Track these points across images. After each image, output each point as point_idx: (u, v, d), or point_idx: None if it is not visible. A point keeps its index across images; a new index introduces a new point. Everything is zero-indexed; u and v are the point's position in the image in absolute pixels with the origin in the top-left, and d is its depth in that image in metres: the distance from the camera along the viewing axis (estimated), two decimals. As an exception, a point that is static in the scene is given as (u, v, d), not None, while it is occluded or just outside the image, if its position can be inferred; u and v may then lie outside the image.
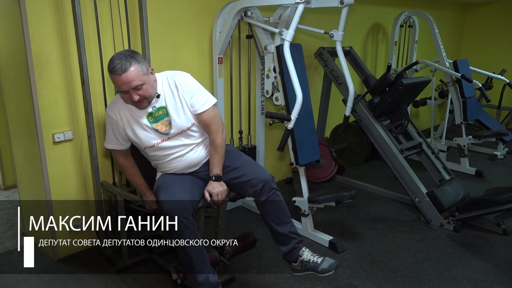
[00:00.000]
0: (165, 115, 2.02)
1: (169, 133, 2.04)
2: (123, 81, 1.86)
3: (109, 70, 1.89)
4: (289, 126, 2.60)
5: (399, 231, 3.08)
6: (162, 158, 2.12)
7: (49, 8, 2.35)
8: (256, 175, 2.11)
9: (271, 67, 2.86)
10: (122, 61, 1.85)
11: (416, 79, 3.41)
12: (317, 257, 2.12)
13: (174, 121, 2.03)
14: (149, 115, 2.02)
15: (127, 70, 1.84)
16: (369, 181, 3.96)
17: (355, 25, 4.49)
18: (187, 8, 2.99)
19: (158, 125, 2.02)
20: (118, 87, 1.91)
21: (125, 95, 1.92)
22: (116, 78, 1.86)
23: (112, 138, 2.13)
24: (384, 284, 2.44)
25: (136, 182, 2.23)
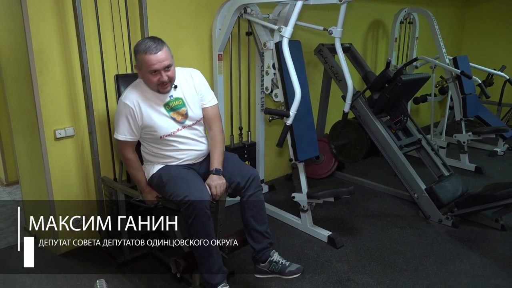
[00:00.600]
0: (181, 105, 2.11)
1: (184, 122, 2.12)
2: (158, 59, 1.93)
3: (140, 50, 1.95)
4: (288, 122, 2.63)
5: (398, 226, 3.10)
6: (176, 147, 2.15)
7: (50, 6, 2.37)
8: (246, 169, 2.22)
9: (270, 64, 2.88)
10: (156, 42, 1.96)
11: (415, 75, 3.42)
12: (285, 261, 2.21)
13: (190, 111, 2.13)
14: (166, 105, 2.09)
15: (162, 49, 1.95)
16: (369, 177, 3.98)
17: (355, 22, 4.49)
18: (187, 5, 3.01)
19: (174, 114, 2.10)
20: (150, 66, 1.95)
21: (155, 76, 1.97)
22: (150, 57, 1.93)
23: (126, 129, 2.09)
24: (382, 279, 2.47)
25: (139, 177, 2.23)
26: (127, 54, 2.66)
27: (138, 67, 2.03)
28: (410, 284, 2.42)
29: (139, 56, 1.98)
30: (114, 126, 2.16)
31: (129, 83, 2.42)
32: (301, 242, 2.87)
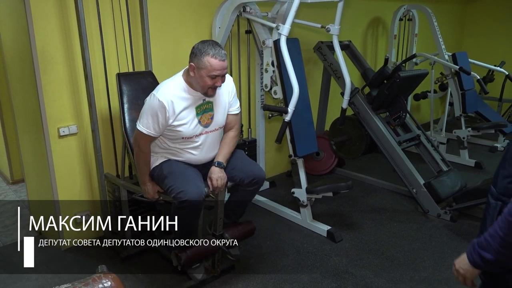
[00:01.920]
0: (210, 109, 2.18)
1: (208, 126, 2.19)
2: (223, 67, 2.03)
3: (209, 53, 2.00)
4: (286, 119, 2.67)
5: (397, 221, 3.14)
6: (189, 149, 2.20)
7: (52, 6, 2.43)
8: (253, 169, 2.30)
9: (269, 61, 2.92)
10: (222, 50, 2.05)
11: (413, 72, 3.46)
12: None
13: (215, 116, 2.20)
14: (198, 107, 2.15)
15: (226, 58, 2.06)
16: (369, 173, 4.02)
17: (355, 19, 4.53)
18: (187, 4, 3.05)
19: (202, 117, 2.16)
20: (214, 71, 2.01)
21: (213, 80, 2.04)
22: (217, 62, 2.00)
23: (151, 124, 2.09)
24: (380, 272, 2.51)
25: (144, 170, 2.25)
26: (129, 52, 2.71)
27: (197, 67, 2.03)
28: (407, 276, 2.46)
29: (205, 58, 2.00)
30: (140, 117, 2.14)
31: (131, 82, 2.49)
32: (301, 237, 2.92)
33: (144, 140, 2.16)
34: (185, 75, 2.14)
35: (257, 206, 3.40)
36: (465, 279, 1.18)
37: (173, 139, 2.19)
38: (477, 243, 1.14)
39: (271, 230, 3.02)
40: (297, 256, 2.68)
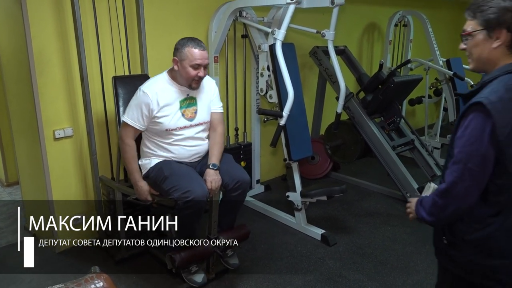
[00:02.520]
0: (193, 104, 2.29)
1: (192, 120, 2.27)
2: (203, 56, 2.17)
3: (188, 45, 2.16)
4: (281, 123, 2.69)
5: (390, 225, 3.16)
6: (176, 144, 2.26)
7: (49, 10, 2.45)
8: (237, 172, 2.32)
9: (265, 66, 2.95)
10: (201, 42, 2.20)
11: (408, 77, 3.49)
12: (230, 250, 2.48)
13: (199, 111, 2.29)
14: (182, 101, 2.25)
15: (206, 49, 2.20)
16: (363, 178, 4.04)
17: (351, 25, 4.57)
18: (183, 8, 3.08)
19: (185, 111, 2.25)
20: (195, 60, 2.14)
21: (195, 70, 2.16)
22: (197, 52, 2.15)
23: (136, 116, 2.19)
24: (373, 275, 2.53)
25: (133, 167, 2.28)
26: (125, 56, 2.73)
27: (179, 59, 2.17)
28: (400, 280, 2.48)
29: (186, 49, 2.15)
30: (126, 109, 2.25)
31: (126, 85, 2.51)
32: (295, 240, 2.93)
33: (127, 132, 2.23)
34: (170, 71, 2.28)
35: (252, 209, 3.42)
36: (411, 218, 1.41)
37: (158, 135, 2.24)
38: (420, 201, 1.35)
39: (266, 233, 3.03)
40: (291, 260, 2.69)
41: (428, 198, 1.33)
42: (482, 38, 1.23)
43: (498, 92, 1.18)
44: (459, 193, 1.23)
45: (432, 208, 1.30)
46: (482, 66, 1.28)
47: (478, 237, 1.27)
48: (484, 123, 1.17)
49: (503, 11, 1.18)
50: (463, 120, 1.23)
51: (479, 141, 1.18)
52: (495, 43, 1.21)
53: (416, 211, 1.36)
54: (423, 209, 1.33)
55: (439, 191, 1.28)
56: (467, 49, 1.29)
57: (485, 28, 1.21)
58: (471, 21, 1.25)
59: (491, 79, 1.23)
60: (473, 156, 1.19)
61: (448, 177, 1.25)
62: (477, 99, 1.18)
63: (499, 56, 1.23)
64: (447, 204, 1.26)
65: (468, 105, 1.21)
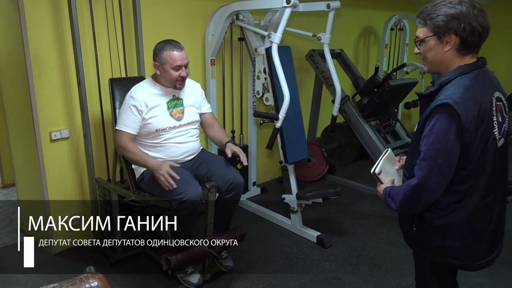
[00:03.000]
0: (180, 104, 2.35)
1: (180, 120, 2.33)
2: (182, 56, 2.23)
3: (166, 48, 2.21)
4: (277, 125, 2.71)
5: (386, 227, 3.18)
6: (168, 143, 2.30)
7: (47, 12, 2.46)
8: (230, 174, 2.33)
9: (261, 69, 2.97)
10: (178, 43, 2.26)
11: (403, 80, 3.52)
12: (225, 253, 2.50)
13: (185, 111, 2.36)
14: (169, 102, 2.32)
15: (184, 49, 2.27)
16: (359, 180, 4.06)
17: (347, 28, 4.60)
18: (180, 11, 3.09)
19: (173, 111, 2.32)
20: (175, 62, 2.21)
21: (177, 71, 2.23)
22: (175, 54, 2.21)
23: (127, 121, 2.24)
24: (368, 277, 2.54)
25: (143, 157, 2.24)
26: (121, 59, 2.74)
27: (160, 63, 2.24)
28: (395, 282, 2.49)
29: (164, 53, 2.21)
30: (117, 118, 2.31)
31: (123, 87, 2.52)
32: (291, 242, 2.94)
33: (124, 139, 2.25)
34: (153, 75, 2.37)
35: (248, 211, 3.43)
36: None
37: (149, 135, 2.28)
38: (389, 192, 1.44)
39: (262, 235, 3.04)
40: (287, 261, 2.70)
41: (397, 190, 1.42)
42: (434, 43, 1.34)
43: (459, 93, 1.28)
44: (429, 187, 1.33)
45: (403, 201, 1.38)
46: (436, 68, 1.40)
47: (444, 223, 1.39)
48: (450, 122, 1.27)
49: (450, 18, 1.30)
50: (430, 119, 1.32)
51: (446, 138, 1.28)
52: (446, 47, 1.33)
53: (384, 200, 1.46)
54: (392, 200, 1.42)
55: (410, 186, 1.36)
56: (421, 53, 1.40)
57: (436, 34, 1.32)
58: (422, 28, 1.36)
59: (448, 80, 1.34)
60: (441, 153, 1.30)
61: (418, 172, 1.34)
62: (443, 100, 1.28)
63: (451, 58, 1.35)
64: (419, 198, 1.36)
65: (434, 105, 1.30)
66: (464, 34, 1.31)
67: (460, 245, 1.42)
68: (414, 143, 1.43)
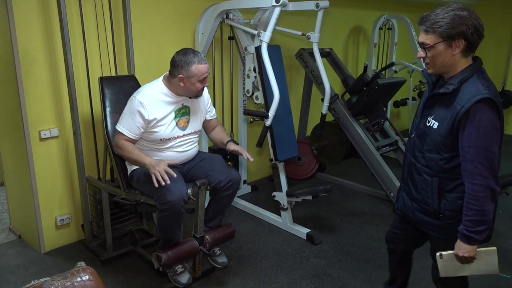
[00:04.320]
0: (187, 113, 2.33)
1: (185, 130, 2.31)
2: (208, 68, 2.20)
3: (194, 61, 2.13)
4: (267, 123, 2.73)
5: (374, 224, 3.22)
6: (170, 150, 2.29)
7: (35, 9, 2.44)
8: (231, 171, 2.35)
9: (251, 67, 2.99)
10: (202, 54, 2.20)
11: (392, 79, 3.56)
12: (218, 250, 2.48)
13: (191, 120, 2.34)
14: (177, 110, 2.28)
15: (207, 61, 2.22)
16: (349, 178, 4.10)
17: (337, 27, 4.63)
18: (170, 10, 3.09)
19: (179, 120, 2.29)
20: (203, 74, 2.17)
21: (201, 83, 2.19)
22: (204, 67, 2.16)
23: (131, 126, 2.17)
24: (357, 273, 2.58)
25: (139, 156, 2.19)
26: (111, 57, 2.74)
27: (186, 76, 2.14)
28: (383, 277, 2.52)
29: (192, 66, 2.12)
30: (120, 119, 2.22)
31: (113, 85, 2.52)
32: (281, 239, 2.97)
33: (123, 141, 2.21)
34: (166, 80, 2.25)
35: (238, 209, 3.45)
36: (473, 258, 1.52)
37: (151, 141, 2.26)
38: (465, 228, 1.48)
39: (252, 233, 3.06)
40: (277, 258, 2.73)
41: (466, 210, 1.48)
42: (444, 48, 1.46)
43: (491, 87, 1.45)
44: (494, 173, 1.43)
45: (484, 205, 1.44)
46: (444, 69, 1.52)
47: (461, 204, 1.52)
48: (493, 113, 1.41)
49: (458, 24, 1.41)
50: (471, 116, 1.42)
51: (495, 128, 1.42)
52: (455, 50, 1.45)
53: (472, 240, 1.48)
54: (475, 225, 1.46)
55: (477, 185, 1.43)
56: (427, 57, 1.50)
57: (445, 40, 1.44)
58: (430, 35, 1.46)
59: (466, 78, 1.47)
60: (494, 142, 1.43)
61: (478, 167, 1.42)
62: (483, 96, 1.40)
63: (458, 60, 1.48)
64: (492, 187, 1.43)
65: (473, 101, 1.41)
66: (472, 37, 1.43)
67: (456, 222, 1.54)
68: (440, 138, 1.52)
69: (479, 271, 1.58)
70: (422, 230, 1.71)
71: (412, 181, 1.69)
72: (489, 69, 6.26)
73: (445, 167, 1.54)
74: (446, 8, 1.44)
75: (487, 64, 5.87)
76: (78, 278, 0.95)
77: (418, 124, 1.66)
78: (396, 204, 1.87)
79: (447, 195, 1.57)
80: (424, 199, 1.64)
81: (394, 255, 2.05)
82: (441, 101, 1.53)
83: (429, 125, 1.57)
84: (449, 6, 1.44)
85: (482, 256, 1.53)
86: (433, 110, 1.57)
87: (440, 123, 1.52)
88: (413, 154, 1.68)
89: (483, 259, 1.53)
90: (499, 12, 5.99)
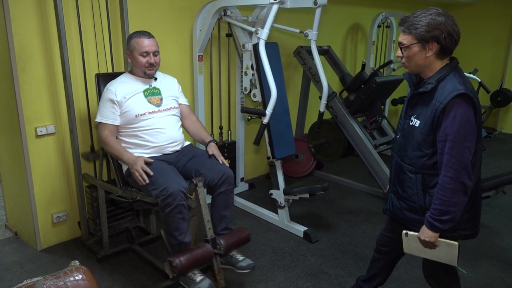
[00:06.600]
0: (158, 93, 2.41)
1: (160, 106, 2.38)
2: (150, 44, 2.30)
3: (135, 37, 2.29)
4: (264, 121, 2.72)
5: (372, 222, 3.22)
6: (149, 129, 2.31)
7: (31, 5, 2.42)
8: (221, 167, 2.32)
9: (249, 65, 2.97)
10: (148, 32, 2.33)
11: (390, 77, 3.55)
12: (240, 255, 2.32)
13: (164, 99, 2.41)
14: (145, 91, 2.37)
15: (152, 38, 2.33)
16: (346, 176, 4.10)
17: (335, 25, 4.62)
18: (167, 7, 3.08)
19: (151, 98, 2.38)
20: (142, 48, 2.28)
21: (145, 58, 2.29)
22: (143, 41, 2.28)
23: (106, 112, 2.29)
24: (353, 271, 2.58)
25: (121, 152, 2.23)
26: (108, 53, 2.73)
27: (130, 51, 2.31)
28: (380, 275, 2.52)
29: (132, 41, 2.29)
30: (97, 112, 2.34)
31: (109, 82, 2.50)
32: (278, 238, 2.97)
33: (106, 131, 2.29)
34: (130, 70, 2.43)
35: (235, 207, 3.44)
36: (433, 244, 1.58)
37: (130, 123, 2.29)
38: (430, 215, 1.54)
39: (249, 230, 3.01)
40: (274, 256, 2.73)
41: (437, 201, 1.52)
42: (418, 49, 1.52)
43: (466, 84, 1.50)
44: (466, 168, 1.47)
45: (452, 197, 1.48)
46: (419, 70, 1.59)
47: None
48: (468, 108, 1.46)
49: (432, 28, 1.47)
50: (447, 112, 1.47)
51: (470, 123, 1.46)
52: (428, 52, 1.52)
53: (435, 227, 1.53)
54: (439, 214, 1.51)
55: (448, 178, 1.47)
56: (404, 57, 1.57)
57: (419, 42, 1.50)
58: (407, 35, 1.53)
59: (443, 77, 1.53)
60: (468, 136, 1.47)
61: (451, 159, 1.47)
62: (459, 91, 1.45)
63: (431, 61, 1.54)
64: (463, 181, 1.47)
65: (449, 97, 1.46)
66: (444, 42, 1.49)
67: (468, 217, 1.61)
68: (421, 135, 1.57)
69: (439, 258, 1.64)
70: (410, 228, 1.71)
71: (398, 180, 1.73)
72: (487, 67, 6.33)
73: (427, 164, 1.59)
74: (425, 11, 1.51)
75: (486, 63, 5.96)
76: (71, 278, 0.94)
77: (402, 125, 1.71)
78: (385, 205, 1.88)
79: (431, 191, 1.61)
80: (410, 197, 1.68)
81: (385, 257, 2.05)
82: (422, 100, 1.59)
83: (412, 124, 1.62)
84: (428, 9, 1.51)
85: (443, 246, 1.59)
86: (415, 109, 1.62)
87: (422, 121, 1.57)
88: (398, 154, 1.72)
89: (444, 249, 1.59)
90: (497, 11, 5.99)
